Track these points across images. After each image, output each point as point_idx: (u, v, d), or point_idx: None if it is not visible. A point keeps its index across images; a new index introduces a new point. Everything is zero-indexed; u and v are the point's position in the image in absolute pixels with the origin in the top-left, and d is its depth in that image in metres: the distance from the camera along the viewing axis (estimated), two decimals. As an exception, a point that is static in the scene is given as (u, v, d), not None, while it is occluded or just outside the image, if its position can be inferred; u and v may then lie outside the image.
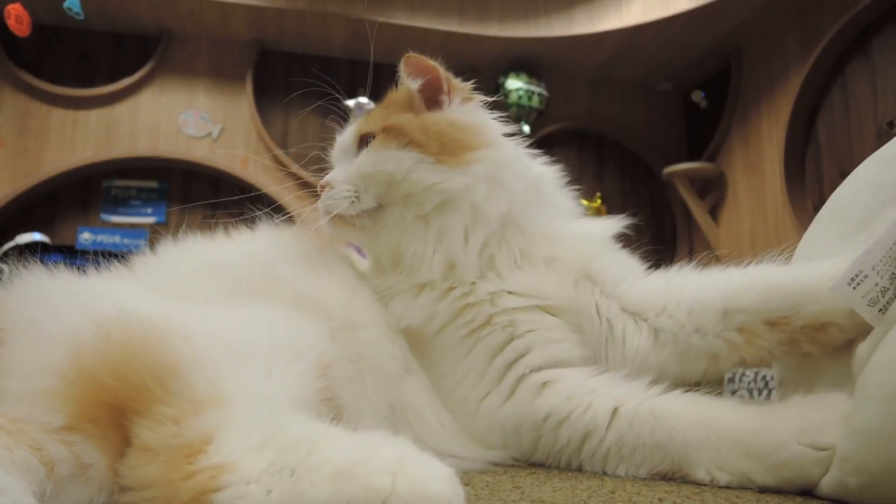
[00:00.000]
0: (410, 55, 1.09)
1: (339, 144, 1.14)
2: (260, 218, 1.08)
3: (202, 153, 4.17)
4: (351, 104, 3.80)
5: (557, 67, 4.60)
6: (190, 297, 0.83)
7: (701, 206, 4.46)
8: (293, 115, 4.40)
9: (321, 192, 1.08)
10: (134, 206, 4.26)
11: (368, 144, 1.07)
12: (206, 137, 4.24)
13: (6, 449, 0.56)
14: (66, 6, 3.15)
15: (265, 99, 4.37)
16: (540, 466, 0.94)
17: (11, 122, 3.99)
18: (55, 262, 0.82)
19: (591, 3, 4.20)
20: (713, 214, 4.51)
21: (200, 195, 4.33)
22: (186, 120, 4.23)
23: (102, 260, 0.93)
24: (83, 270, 0.87)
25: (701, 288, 0.95)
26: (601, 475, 0.87)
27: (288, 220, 1.11)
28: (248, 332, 0.73)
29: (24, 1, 3.13)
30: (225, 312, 0.78)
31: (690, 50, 4.41)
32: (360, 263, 1.15)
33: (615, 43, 4.32)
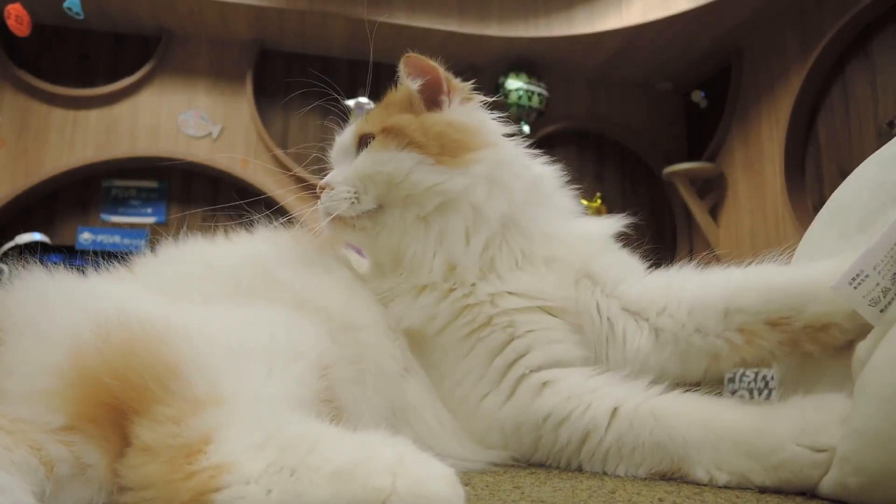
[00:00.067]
0: (410, 55, 1.08)
1: (338, 145, 1.14)
2: (260, 220, 1.08)
3: (202, 153, 4.17)
4: (351, 104, 3.80)
5: (557, 67, 4.60)
6: (190, 297, 0.83)
7: (701, 206, 4.46)
8: (293, 115, 4.40)
9: (320, 193, 1.08)
10: (134, 206, 4.26)
11: (368, 145, 1.06)
12: (206, 137, 4.24)
13: (6, 449, 0.56)
14: (65, 6, 3.15)
15: (265, 99, 4.37)
16: (540, 466, 0.94)
17: (11, 122, 3.99)
18: (55, 262, 0.82)
19: (591, 3, 4.20)
20: (713, 214, 4.51)
21: (200, 195, 4.34)
22: (186, 120, 4.23)
23: (102, 260, 0.93)
24: (83, 271, 0.87)
25: (702, 287, 0.95)
26: (601, 475, 0.87)
27: (288, 221, 1.10)
28: (247, 332, 0.73)
29: (24, 1, 3.13)
30: (225, 313, 0.78)
31: (690, 50, 4.41)
32: (359, 264, 1.15)
33: (615, 43, 4.32)
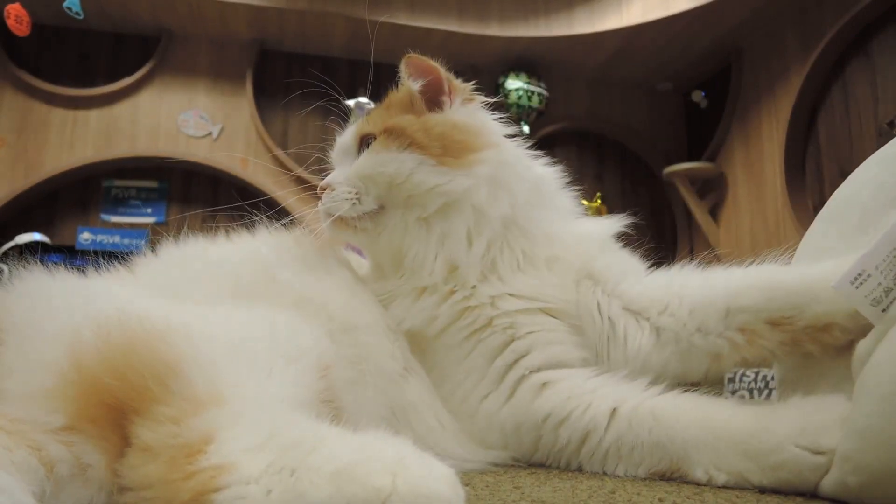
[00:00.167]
0: (411, 56, 1.08)
1: (339, 145, 1.14)
2: (260, 221, 1.08)
3: (202, 153, 4.17)
4: (351, 104, 3.80)
5: (557, 67, 4.60)
6: (190, 298, 0.83)
7: (701, 206, 4.46)
8: (293, 115, 4.40)
9: (321, 193, 1.07)
10: (134, 206, 4.26)
11: (369, 146, 1.06)
12: (206, 137, 4.24)
13: (6, 449, 0.56)
14: (65, 6, 3.15)
15: (265, 99, 4.37)
16: (540, 466, 0.94)
17: (11, 121, 3.99)
18: (55, 262, 0.82)
19: (591, 3, 4.20)
20: (713, 214, 4.51)
21: (200, 195, 4.34)
22: (186, 120, 4.23)
23: (102, 260, 0.93)
24: (83, 271, 0.86)
25: (703, 287, 0.95)
26: (601, 475, 0.87)
27: (289, 222, 1.10)
28: (248, 332, 0.73)
29: (24, 1, 3.13)
30: (225, 313, 0.78)
31: (690, 50, 4.41)
32: (359, 265, 1.15)
33: (615, 43, 4.32)
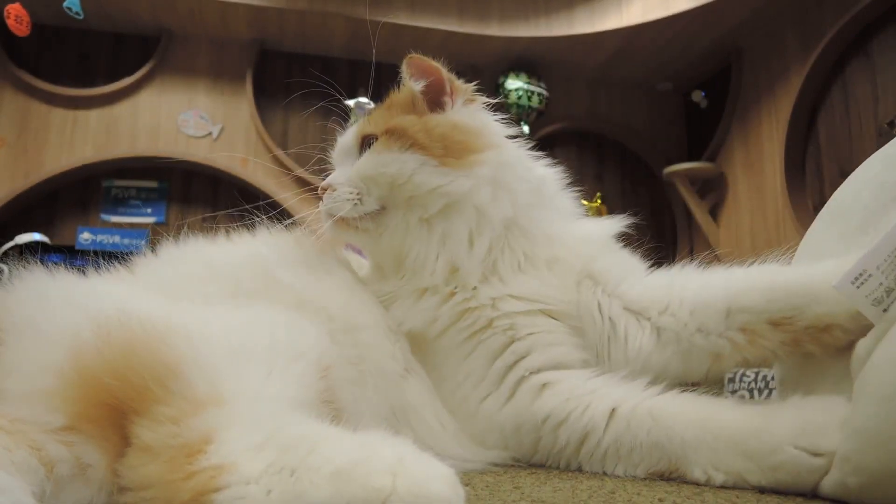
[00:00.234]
0: (413, 56, 1.08)
1: (340, 146, 1.13)
2: (261, 221, 1.07)
3: (202, 153, 4.17)
4: (351, 104, 3.80)
5: (557, 67, 4.60)
6: (191, 298, 0.83)
7: (701, 206, 4.46)
8: (293, 115, 4.40)
9: (322, 193, 1.07)
10: (134, 206, 4.26)
11: (370, 146, 1.06)
12: (206, 137, 4.23)
13: (6, 449, 0.56)
14: (65, 6, 3.15)
15: (265, 99, 4.37)
16: (540, 466, 0.94)
17: (11, 121, 3.99)
18: (55, 262, 0.82)
19: (591, 3, 4.20)
20: (713, 214, 4.51)
21: (200, 195, 4.34)
22: (186, 120, 4.23)
23: (102, 260, 0.93)
24: (83, 271, 0.86)
25: (704, 287, 0.95)
26: (601, 475, 0.87)
27: (290, 223, 1.10)
28: (248, 332, 0.73)
29: (23, 1, 3.13)
30: (225, 313, 0.78)
31: (690, 50, 4.41)
32: (359, 266, 1.15)
33: (615, 43, 4.31)
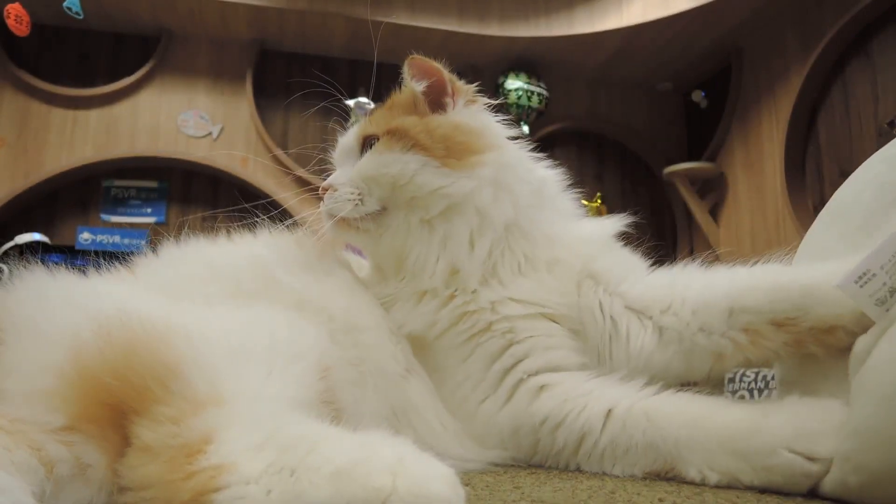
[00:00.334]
0: (415, 57, 1.07)
1: (341, 146, 1.13)
2: (262, 222, 1.07)
3: (202, 153, 4.17)
4: (351, 104, 3.80)
5: (557, 67, 4.60)
6: (191, 298, 0.83)
7: (701, 206, 4.46)
8: (293, 115, 4.40)
9: (323, 194, 1.07)
10: (134, 206, 4.26)
11: (372, 146, 1.05)
12: (205, 137, 4.23)
13: (6, 449, 0.56)
14: (65, 6, 3.15)
15: (265, 99, 4.37)
16: (540, 466, 0.94)
17: (11, 121, 3.99)
18: (55, 262, 0.82)
19: (591, 3, 4.20)
20: (713, 214, 4.51)
21: (200, 195, 4.34)
22: (186, 120, 4.23)
23: (102, 260, 0.93)
24: (83, 271, 0.86)
25: (706, 286, 0.94)
26: (601, 475, 0.87)
27: (291, 224, 1.10)
28: (248, 332, 0.73)
29: (24, 1, 3.13)
30: (226, 313, 0.78)
31: (690, 50, 4.41)
32: (359, 267, 1.15)
33: (615, 43, 4.31)
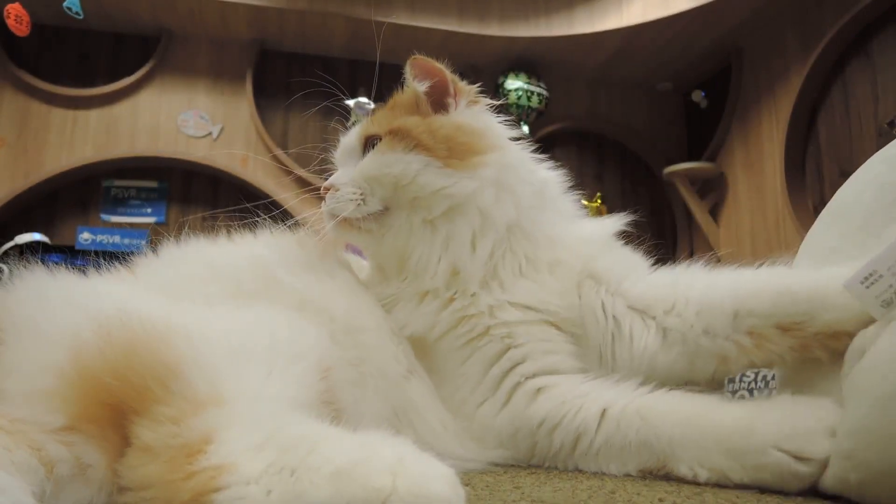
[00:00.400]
0: (417, 57, 1.07)
1: (342, 146, 1.13)
2: (262, 222, 1.07)
3: (202, 153, 4.17)
4: (351, 104, 3.80)
5: (557, 67, 4.60)
6: (191, 298, 0.83)
7: (701, 206, 4.46)
8: (293, 115, 4.40)
9: (325, 193, 1.07)
10: (134, 206, 4.26)
11: (374, 146, 1.05)
12: (205, 137, 4.23)
13: (6, 449, 0.56)
14: (65, 6, 3.14)
15: (265, 99, 4.37)
16: (540, 466, 0.94)
17: (11, 121, 3.99)
18: (55, 262, 0.82)
19: (591, 3, 4.20)
20: (713, 214, 4.51)
21: (200, 195, 4.34)
22: (186, 120, 4.23)
23: (102, 260, 0.93)
24: (83, 271, 0.86)
25: (710, 287, 0.94)
26: (601, 476, 0.87)
27: (292, 224, 1.10)
28: (248, 333, 0.73)
29: (24, 1, 3.13)
30: (226, 313, 0.78)
31: (690, 50, 4.41)
32: (360, 268, 1.15)
33: (615, 43, 4.31)
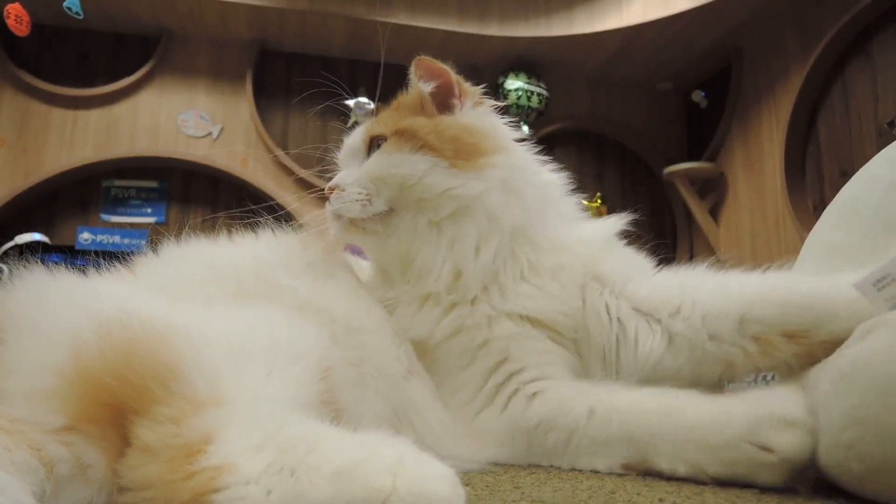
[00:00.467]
0: (422, 58, 1.07)
1: (346, 146, 1.13)
2: (262, 222, 1.07)
3: (202, 153, 4.17)
4: (351, 104, 3.81)
5: (557, 67, 4.60)
6: (192, 298, 0.83)
7: (701, 206, 4.46)
8: (293, 115, 4.40)
9: (329, 194, 1.06)
10: (134, 206, 4.26)
11: (379, 147, 1.05)
12: (205, 137, 4.23)
13: (6, 449, 0.56)
14: (65, 6, 3.15)
15: (265, 99, 4.37)
16: (540, 466, 0.94)
17: (11, 121, 3.99)
18: (55, 262, 0.82)
19: (591, 3, 4.20)
20: (713, 214, 4.51)
21: (200, 195, 4.34)
22: (186, 120, 4.23)
23: (102, 260, 0.93)
24: (83, 271, 0.86)
25: (716, 292, 0.93)
26: (601, 475, 0.87)
27: (293, 225, 1.09)
28: (248, 333, 0.73)
29: (24, 1, 3.13)
30: (226, 314, 0.78)
31: (690, 50, 4.41)
32: (360, 269, 1.14)
33: (615, 43, 4.32)
